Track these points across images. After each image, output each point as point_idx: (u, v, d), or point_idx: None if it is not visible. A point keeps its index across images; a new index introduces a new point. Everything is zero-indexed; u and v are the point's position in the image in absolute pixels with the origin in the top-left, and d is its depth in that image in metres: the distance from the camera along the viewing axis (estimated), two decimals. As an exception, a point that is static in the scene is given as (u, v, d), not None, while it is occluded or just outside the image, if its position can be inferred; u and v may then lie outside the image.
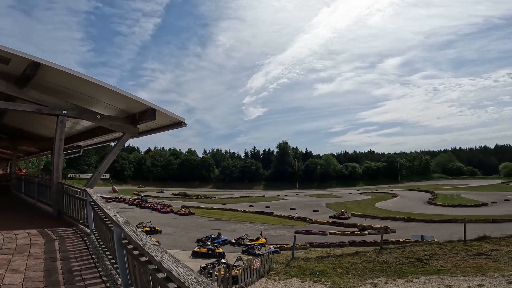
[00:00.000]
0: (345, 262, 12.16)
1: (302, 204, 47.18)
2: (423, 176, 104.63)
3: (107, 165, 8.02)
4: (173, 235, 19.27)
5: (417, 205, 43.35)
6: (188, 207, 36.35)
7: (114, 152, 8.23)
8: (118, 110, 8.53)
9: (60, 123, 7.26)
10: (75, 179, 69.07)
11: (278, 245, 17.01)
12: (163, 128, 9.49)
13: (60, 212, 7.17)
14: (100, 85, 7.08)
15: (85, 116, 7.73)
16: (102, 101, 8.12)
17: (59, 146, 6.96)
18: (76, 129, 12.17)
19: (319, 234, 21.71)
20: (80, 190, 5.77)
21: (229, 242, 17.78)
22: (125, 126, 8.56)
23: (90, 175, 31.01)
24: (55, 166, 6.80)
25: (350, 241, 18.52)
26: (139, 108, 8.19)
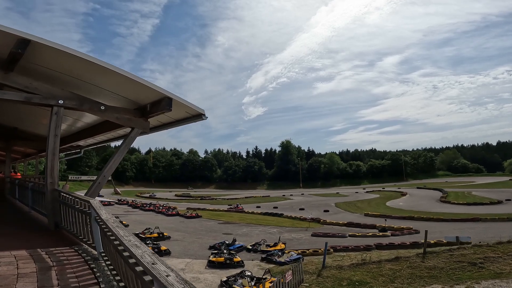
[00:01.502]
0: (386, 269, 10.75)
1: (310, 204, 45.75)
2: (428, 174, 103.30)
3: (113, 168, 6.65)
4: (183, 241, 17.87)
5: (430, 203, 41.90)
6: (194, 209, 34.96)
7: (121, 151, 6.83)
8: (126, 100, 7.15)
9: (55, 116, 5.88)
10: (76, 181, 67.75)
11: (299, 250, 15.59)
12: (178, 122, 8.11)
13: (57, 225, 5.78)
14: (105, 68, 5.69)
15: (86, 107, 6.34)
16: (106, 89, 6.73)
17: (54, 144, 5.58)
18: (77, 126, 10.78)
19: (338, 236, 20.29)
20: (81, 200, 4.38)
21: (244, 249, 16.34)
22: (134, 120, 7.17)
23: (91, 178, 29.70)
24: (49, 169, 5.41)
25: (376, 244, 17.10)
26: (152, 97, 6.80)
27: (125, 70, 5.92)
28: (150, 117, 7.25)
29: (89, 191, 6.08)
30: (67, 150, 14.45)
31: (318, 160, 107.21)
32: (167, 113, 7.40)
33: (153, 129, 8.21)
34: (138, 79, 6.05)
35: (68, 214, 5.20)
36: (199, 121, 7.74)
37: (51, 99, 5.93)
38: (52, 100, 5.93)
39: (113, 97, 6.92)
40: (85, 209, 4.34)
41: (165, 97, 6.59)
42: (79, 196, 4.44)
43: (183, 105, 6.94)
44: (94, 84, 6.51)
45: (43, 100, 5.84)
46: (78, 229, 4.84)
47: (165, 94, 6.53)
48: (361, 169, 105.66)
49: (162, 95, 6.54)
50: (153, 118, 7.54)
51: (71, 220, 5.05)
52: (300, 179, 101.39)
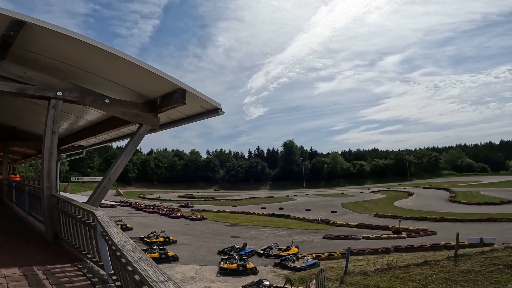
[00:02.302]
0: (416, 274, 9.93)
1: (316, 204, 44.91)
2: (432, 173, 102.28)
3: (120, 170, 5.85)
4: (190, 246, 17.08)
5: (439, 203, 40.99)
6: (199, 210, 34.20)
7: (128, 151, 6.03)
8: (133, 93, 6.35)
9: (53, 109, 5.08)
10: (78, 183, 67.16)
11: (313, 254, 14.79)
12: (190, 118, 7.30)
13: (56, 235, 4.99)
14: (111, 54, 4.90)
15: (88, 100, 5.54)
16: (112, 80, 5.93)
17: (51, 142, 4.77)
18: (79, 124, 10.00)
19: (351, 239, 19.47)
20: (83, 211, 3.59)
21: (255, 253, 15.54)
22: (142, 115, 6.37)
23: (93, 179, 28.57)
24: (45, 171, 4.61)
25: (394, 246, 16.32)
26: (163, 89, 6.01)
27: (134, 57, 5.15)
28: (160, 112, 6.46)
29: (93, 196, 5.30)
30: (68, 150, 13.67)
31: (321, 160, 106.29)
32: (179, 107, 6.62)
33: (162, 126, 7.40)
34: (148, 67, 5.26)
35: (69, 224, 4.41)
36: (214, 117, 6.93)
37: (48, 90, 5.14)
38: (50, 92, 5.14)
39: (120, 89, 6.13)
40: (88, 221, 3.55)
41: (178, 88, 5.80)
42: (81, 205, 3.64)
43: (197, 98, 6.15)
44: (98, 74, 5.72)
45: (38, 92, 5.05)
46: (81, 242, 4.04)
47: (178, 85, 5.73)
48: (365, 169, 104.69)
49: (175, 86, 5.75)
50: (163, 113, 6.75)
51: (72, 232, 4.26)
52: (303, 179, 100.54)
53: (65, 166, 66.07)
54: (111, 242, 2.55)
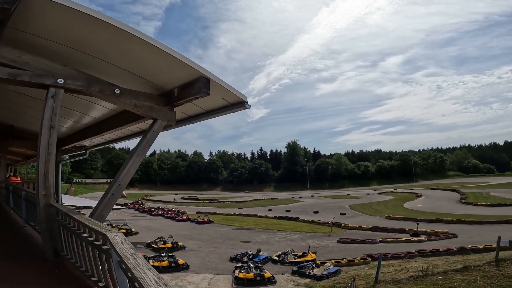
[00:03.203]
0: (457, 281, 9.02)
1: (323, 206, 43.89)
2: (438, 174, 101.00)
3: (131, 174, 4.94)
4: (200, 252, 16.18)
5: (451, 205, 39.87)
6: (204, 213, 33.34)
7: (141, 151, 5.13)
8: (147, 83, 5.46)
9: (52, 99, 4.19)
10: (81, 184, 66.52)
11: (332, 260, 13.86)
12: (210, 113, 6.42)
13: (57, 252, 4.09)
14: (126, 32, 4.03)
15: (95, 90, 4.66)
16: (122, 68, 5.07)
17: (48, 139, 3.85)
18: (82, 123, 9.14)
19: (368, 243, 18.52)
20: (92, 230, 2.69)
21: (270, 260, 14.62)
22: (157, 109, 5.49)
23: (97, 180, 27.36)
24: (41, 175, 3.69)
25: (418, 250, 15.39)
26: (183, 77, 5.12)
27: (150, 37, 4.28)
28: (177, 105, 5.57)
29: (101, 206, 4.41)
30: (70, 151, 12.83)
31: (326, 161, 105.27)
32: (197, 101, 5.76)
33: (180, 122, 6.56)
34: (168, 50, 4.39)
35: (72, 241, 3.52)
36: (238, 111, 6.06)
37: (47, 77, 4.26)
38: (49, 79, 4.26)
39: (131, 78, 5.24)
40: (98, 242, 2.65)
41: (201, 76, 4.92)
42: (89, 223, 2.73)
43: (221, 89, 5.27)
44: (106, 60, 4.83)
45: (34, 78, 4.17)
46: (88, 265, 3.14)
47: (201, 73, 4.85)
48: (370, 170, 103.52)
49: (197, 74, 4.87)
50: (180, 107, 5.88)
51: (77, 251, 3.37)
52: (307, 181, 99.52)
53: (67, 167, 65.49)
54: (120, 261, 1.67)
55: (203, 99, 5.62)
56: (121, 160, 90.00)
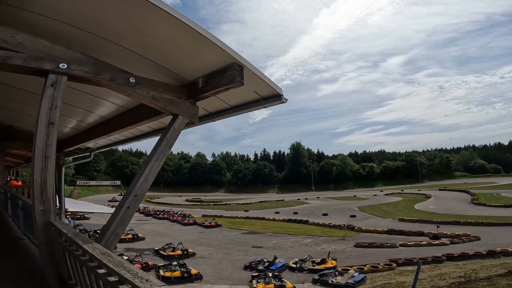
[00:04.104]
0: (505, 286, 8.10)
1: (331, 208, 42.85)
2: (444, 175, 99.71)
3: (149, 181, 4.05)
4: (211, 259, 15.29)
5: (463, 206, 38.77)
6: (211, 216, 32.45)
7: (161, 153, 4.18)
8: (166, 72, 4.57)
9: (51, 88, 3.29)
10: (84, 186, 65.86)
11: (354, 266, 12.95)
12: (236, 109, 5.54)
13: (63, 280, 3.23)
14: (147, 3, 3.17)
15: (105, 77, 3.77)
16: (138, 53, 4.20)
17: (46, 138, 2.92)
18: (87, 122, 8.28)
19: (388, 247, 17.57)
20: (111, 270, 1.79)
21: (287, 267, 13.71)
22: (178, 103, 4.60)
23: (100, 183, 26.07)
24: (37, 185, 2.79)
25: (446, 254, 14.49)
26: (210, 64, 4.22)
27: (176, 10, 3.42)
28: (202, 97, 4.68)
29: (115, 221, 3.50)
30: (73, 153, 11.99)
31: (330, 162, 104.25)
32: (222, 94, 4.89)
33: (203, 119, 5.69)
34: (197, 27, 3.52)
35: (82, 271, 2.62)
36: (271, 106, 5.18)
37: (46, 60, 3.39)
38: (48, 63, 3.39)
39: (148, 66, 4.35)
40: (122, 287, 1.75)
41: (234, 63, 4.04)
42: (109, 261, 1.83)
43: (254, 79, 4.38)
44: (119, 43, 3.97)
45: (30, 62, 3.29)
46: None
47: (235, 58, 3.97)
48: (375, 170, 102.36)
49: (229, 59, 3.99)
50: (201, 102, 4.99)
51: (89, 284, 2.47)
52: (312, 182, 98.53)
53: (71, 169, 64.89)
54: None
55: (228, 93, 4.75)
56: (124, 162, 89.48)
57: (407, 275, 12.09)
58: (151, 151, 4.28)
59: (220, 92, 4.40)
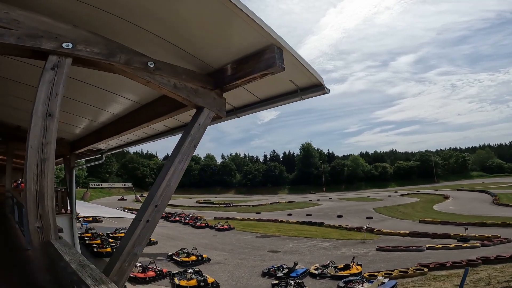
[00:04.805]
0: None
1: (345, 210, 41.71)
2: (460, 175, 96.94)
3: (173, 188, 3.38)
4: (226, 265, 14.61)
5: (485, 207, 37.09)
6: (223, 219, 31.84)
7: (185, 153, 3.49)
8: (190, 58, 3.92)
9: (51, 72, 2.63)
10: (96, 188, 66.25)
11: (380, 272, 12.10)
12: (267, 102, 4.86)
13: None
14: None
15: (118, 60, 3.10)
16: (158, 35, 3.55)
17: (41, 136, 2.25)
18: (99, 121, 7.70)
19: (413, 250, 16.58)
20: None
21: (308, 274, 12.92)
22: (203, 93, 3.91)
23: (112, 185, 25.43)
24: (31, 196, 2.01)
25: (480, 257, 13.55)
26: (244, 46, 3.49)
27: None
28: (229, 88, 3.99)
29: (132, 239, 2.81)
30: (84, 155, 11.49)
31: (342, 163, 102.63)
32: (250, 85, 4.20)
33: (231, 113, 5.02)
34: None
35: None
36: (308, 98, 4.46)
37: (45, 39, 2.75)
38: (48, 41, 2.73)
39: (168, 51, 3.69)
40: None
41: (272, 44, 3.35)
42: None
43: (294, 65, 3.69)
44: (134, 22, 3.32)
45: (25, 40, 2.64)
46: None
47: (274, 39, 3.28)
48: (388, 171, 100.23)
49: (267, 40, 3.28)
50: (227, 94, 4.29)
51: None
52: (323, 183, 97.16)
53: (83, 171, 65.38)
54: None
55: (257, 84, 4.06)
56: (135, 164, 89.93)
57: (442, 280, 11.22)
58: (173, 152, 3.58)
59: (254, 79, 3.69)
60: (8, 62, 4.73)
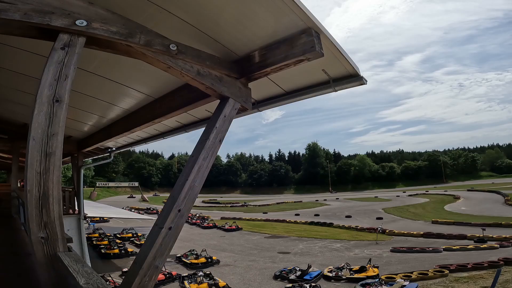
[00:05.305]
0: None
1: (353, 210, 41.04)
2: (469, 175, 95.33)
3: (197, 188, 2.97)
4: (236, 267, 14.21)
5: (497, 207, 36.17)
6: (229, 218, 31.48)
7: (210, 149, 3.08)
8: (214, 44, 3.50)
9: (61, 52, 2.18)
10: (103, 188, 66.41)
11: (399, 274, 11.61)
12: (293, 94, 4.42)
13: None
14: None
15: (138, 41, 2.69)
16: (180, 17, 3.13)
17: (47, 126, 1.89)
18: (109, 117, 7.32)
19: (430, 251, 16.04)
20: None
21: (322, 276, 12.45)
22: (228, 82, 3.45)
23: (119, 184, 25.00)
24: (33, 199, 1.58)
25: (502, 259, 13.06)
26: (276, 30, 3.04)
27: None
28: (258, 76, 3.55)
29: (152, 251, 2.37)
30: (92, 153, 11.14)
31: (348, 163, 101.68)
32: (275, 75, 3.77)
33: (257, 106, 4.60)
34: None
35: None
36: (342, 90, 4.01)
37: (56, 15, 2.35)
38: (59, 18, 2.32)
39: (188, 34, 3.28)
40: None
41: (309, 28, 2.93)
42: None
43: (330, 51, 3.26)
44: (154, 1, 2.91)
45: (32, 17, 2.22)
46: None
47: (312, 21, 2.86)
48: (395, 171, 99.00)
49: (303, 22, 2.86)
50: (256, 82, 3.85)
51: None
52: (329, 183, 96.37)
53: (90, 171, 65.61)
54: None
55: (284, 73, 3.63)
56: (141, 163, 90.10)
57: (465, 282, 10.72)
58: (196, 148, 3.14)
59: (287, 66, 3.23)
60: (14, 53, 4.38)
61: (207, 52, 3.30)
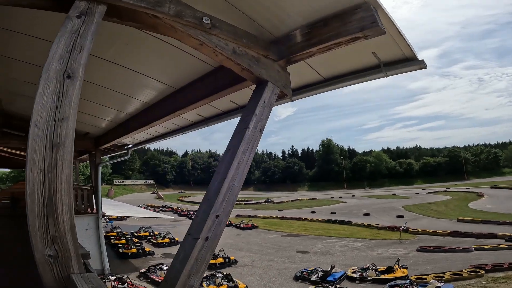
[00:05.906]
0: None
1: (371, 208, 39.92)
2: (491, 172, 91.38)
3: (237, 189, 2.52)
4: (254, 267, 13.81)
5: (526, 206, 34.33)
6: (244, 216, 31.16)
7: (249, 140, 2.63)
8: (245, 22, 3.03)
9: (76, 21, 1.76)
10: (120, 185, 67.45)
11: (429, 275, 10.93)
12: (334, 81, 3.92)
13: None
14: None
15: (167, 11, 2.24)
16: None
17: (53, 104, 1.47)
18: (127, 112, 6.98)
19: (460, 251, 15.23)
20: None
21: (345, 277, 11.88)
22: (266, 64, 3.00)
23: (135, 182, 24.94)
24: (35, 198, 1.22)
25: None
26: (324, 4, 2.61)
27: None
28: (300, 57, 3.05)
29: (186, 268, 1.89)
30: (110, 150, 10.91)
31: (364, 159, 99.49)
32: (312, 59, 3.28)
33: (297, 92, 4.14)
34: None
35: None
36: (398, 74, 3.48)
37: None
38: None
39: (221, 9, 2.81)
40: None
41: (365, 2, 2.41)
42: None
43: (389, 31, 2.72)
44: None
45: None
46: None
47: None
48: (413, 167, 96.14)
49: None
50: (291, 67, 3.34)
51: None
52: (344, 179, 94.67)
53: (108, 168, 66.69)
54: None
55: (323, 57, 3.13)
56: (156, 161, 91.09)
57: (503, 282, 10.02)
58: (232, 141, 2.66)
59: (339, 45, 2.72)
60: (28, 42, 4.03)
61: (243, 29, 2.82)
